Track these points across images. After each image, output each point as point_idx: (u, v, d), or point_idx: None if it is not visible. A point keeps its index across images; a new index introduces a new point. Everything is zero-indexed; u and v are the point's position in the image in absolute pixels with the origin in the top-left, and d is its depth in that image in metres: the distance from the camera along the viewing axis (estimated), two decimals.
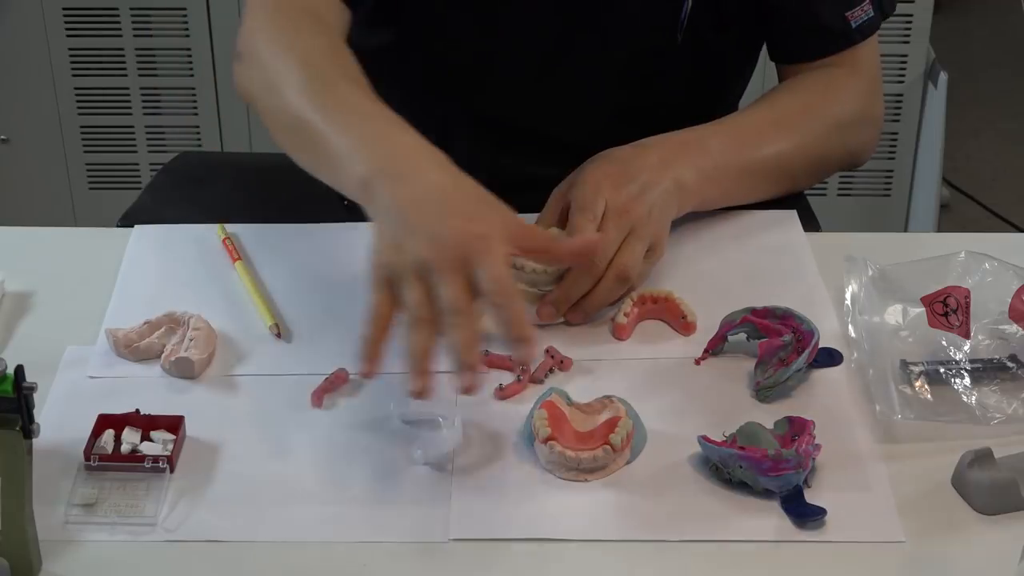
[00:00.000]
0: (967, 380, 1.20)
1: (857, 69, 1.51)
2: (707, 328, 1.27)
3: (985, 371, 1.21)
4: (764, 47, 1.59)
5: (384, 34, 1.52)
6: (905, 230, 2.82)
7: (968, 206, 3.16)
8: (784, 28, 1.51)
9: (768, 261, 1.38)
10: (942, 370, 1.21)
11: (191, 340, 1.23)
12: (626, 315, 1.28)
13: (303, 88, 1.28)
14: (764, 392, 1.20)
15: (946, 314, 1.20)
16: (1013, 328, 1.24)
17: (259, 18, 1.39)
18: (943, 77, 2.67)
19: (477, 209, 1.16)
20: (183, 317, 1.26)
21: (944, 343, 1.23)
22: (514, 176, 1.55)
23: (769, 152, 1.42)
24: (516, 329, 1.11)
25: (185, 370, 1.22)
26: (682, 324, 1.29)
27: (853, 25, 1.48)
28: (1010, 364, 1.22)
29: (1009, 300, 1.23)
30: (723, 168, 1.38)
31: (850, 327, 1.26)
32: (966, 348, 1.22)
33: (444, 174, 1.18)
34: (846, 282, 1.30)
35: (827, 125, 1.47)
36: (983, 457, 1.10)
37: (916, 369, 1.21)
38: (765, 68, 1.62)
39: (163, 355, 1.23)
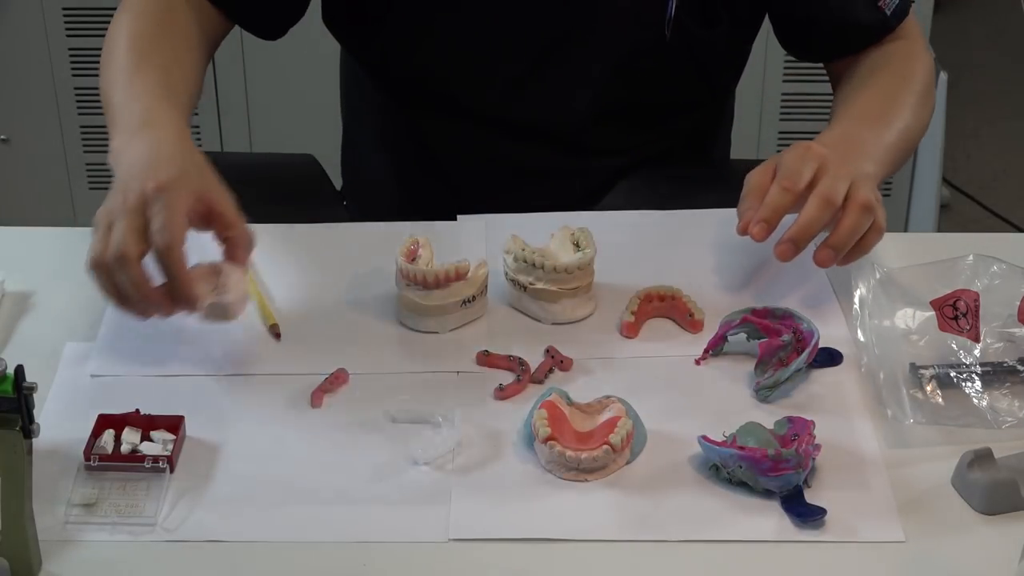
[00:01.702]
0: (978, 384, 1.20)
1: (910, 40, 1.52)
2: (715, 326, 1.27)
3: (995, 374, 1.21)
4: (764, 40, 1.59)
5: (375, 32, 1.52)
6: (905, 230, 2.82)
7: (968, 206, 3.16)
8: (822, 31, 1.52)
9: (773, 260, 1.37)
10: (952, 374, 1.21)
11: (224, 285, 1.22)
12: (633, 313, 1.28)
13: (121, 58, 1.36)
14: (764, 392, 1.20)
15: (956, 318, 1.20)
16: (1022, 331, 1.24)
17: None
18: (943, 77, 2.67)
19: (168, 167, 1.21)
20: (221, 266, 1.24)
21: (954, 346, 1.23)
22: (506, 169, 1.56)
23: (901, 127, 1.42)
24: (173, 285, 1.17)
25: (220, 314, 1.21)
26: (689, 322, 1.29)
27: (888, 12, 1.49)
28: (1020, 367, 1.22)
29: (1018, 303, 1.23)
30: (881, 156, 1.37)
31: (859, 331, 1.26)
32: (976, 352, 1.22)
33: (159, 146, 1.25)
34: (854, 285, 1.30)
35: (922, 91, 1.48)
36: (983, 457, 1.10)
37: (926, 373, 1.21)
38: (766, 62, 1.62)
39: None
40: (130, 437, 1.14)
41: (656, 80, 1.52)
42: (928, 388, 1.20)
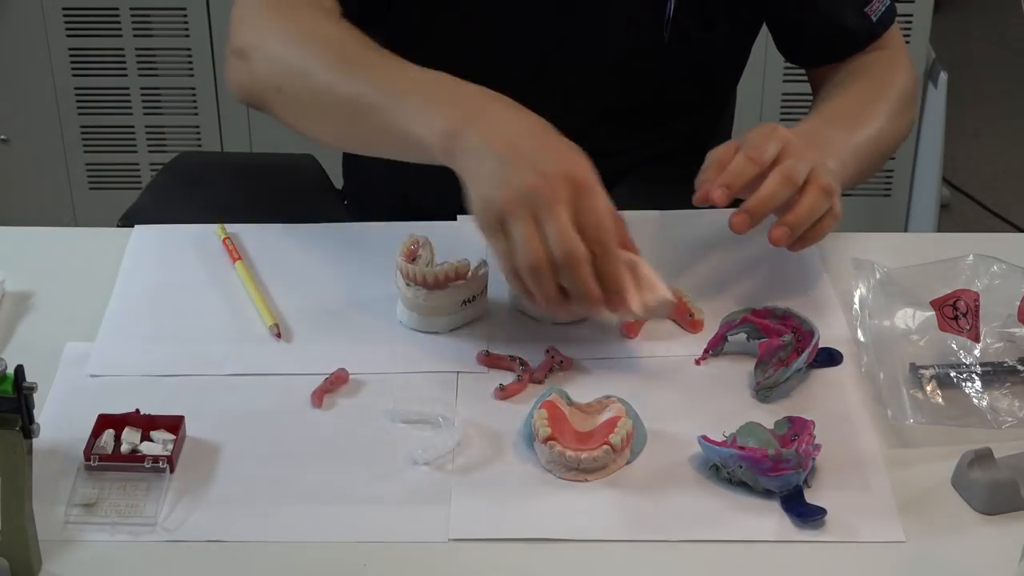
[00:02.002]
0: (978, 384, 1.20)
1: (893, 50, 1.53)
2: (715, 326, 1.27)
3: (995, 374, 1.21)
4: (763, 43, 1.59)
5: (374, 34, 1.52)
6: (905, 230, 2.82)
7: (968, 206, 3.16)
8: (807, 36, 1.53)
9: (773, 260, 1.38)
10: (952, 374, 1.21)
11: (648, 279, 1.19)
12: None
13: (333, 67, 1.28)
14: (764, 392, 1.20)
15: (956, 318, 1.20)
16: (1022, 331, 1.24)
17: (256, 13, 1.37)
18: (943, 77, 2.67)
19: (570, 149, 1.18)
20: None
21: (954, 346, 1.23)
22: None
23: (871, 133, 1.43)
24: (610, 283, 1.14)
25: (658, 312, 1.19)
26: (690, 322, 1.29)
27: (874, 19, 1.51)
28: (1020, 367, 1.22)
29: (1018, 303, 1.23)
30: (846, 156, 1.37)
31: (859, 331, 1.26)
32: (976, 352, 1.22)
33: (525, 113, 1.20)
34: (853, 285, 1.30)
35: (899, 100, 1.48)
36: (983, 457, 1.10)
37: (927, 373, 1.21)
38: (766, 60, 1.63)
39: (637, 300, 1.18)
40: (130, 437, 1.14)
41: (655, 82, 1.52)
42: (928, 388, 1.20)
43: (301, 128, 1.34)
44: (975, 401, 1.19)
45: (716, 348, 1.25)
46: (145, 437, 1.14)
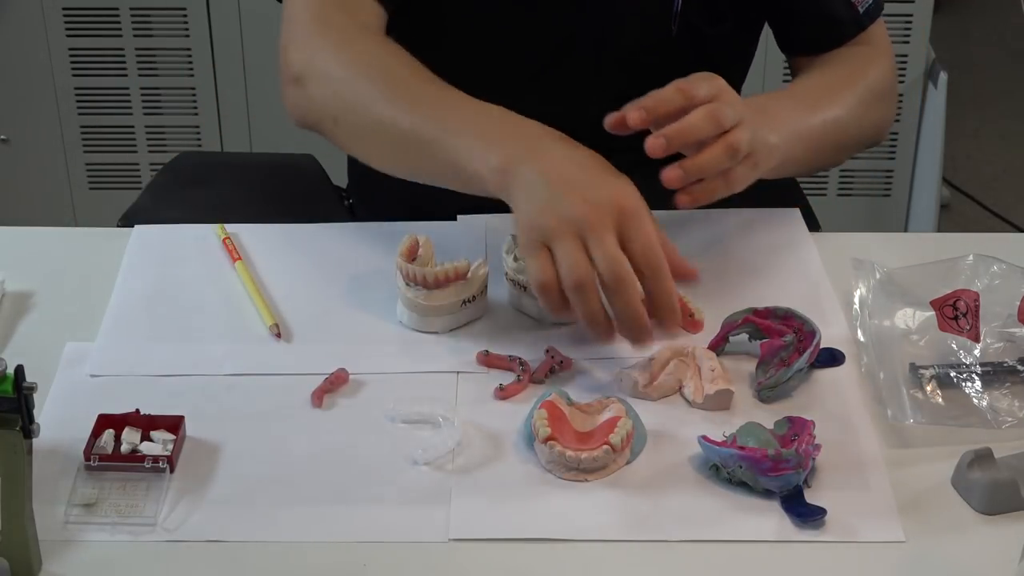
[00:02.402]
0: (978, 384, 1.20)
1: (874, 47, 1.53)
2: (715, 326, 1.27)
3: (995, 374, 1.21)
4: (764, 39, 1.59)
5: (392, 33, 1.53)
6: (905, 230, 2.82)
7: (968, 206, 3.16)
8: (797, 23, 1.54)
9: (773, 260, 1.38)
10: (952, 374, 1.21)
11: (712, 371, 1.20)
12: None
13: (389, 100, 1.30)
14: (766, 392, 1.20)
15: (956, 318, 1.20)
16: (1022, 331, 1.24)
17: (309, 37, 1.38)
18: (943, 77, 2.67)
19: (619, 181, 1.19)
20: (686, 348, 1.22)
21: (954, 346, 1.23)
22: None
23: (829, 118, 1.42)
24: (664, 304, 1.15)
25: (723, 403, 1.19)
26: (690, 322, 1.29)
27: (861, 10, 1.51)
28: (1020, 367, 1.21)
29: (1018, 303, 1.23)
30: (795, 134, 1.36)
31: (859, 331, 1.26)
32: (976, 352, 1.22)
33: (578, 148, 1.22)
34: (854, 285, 1.30)
35: (868, 93, 1.48)
36: (983, 457, 1.10)
37: (926, 373, 1.21)
38: (766, 59, 1.63)
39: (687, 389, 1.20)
40: (130, 437, 1.14)
41: (664, 76, 1.52)
42: (928, 388, 1.20)
43: (357, 155, 1.37)
44: (975, 401, 1.19)
45: (718, 348, 1.25)
46: (145, 437, 1.14)
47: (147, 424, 1.15)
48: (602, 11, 1.47)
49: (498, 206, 1.44)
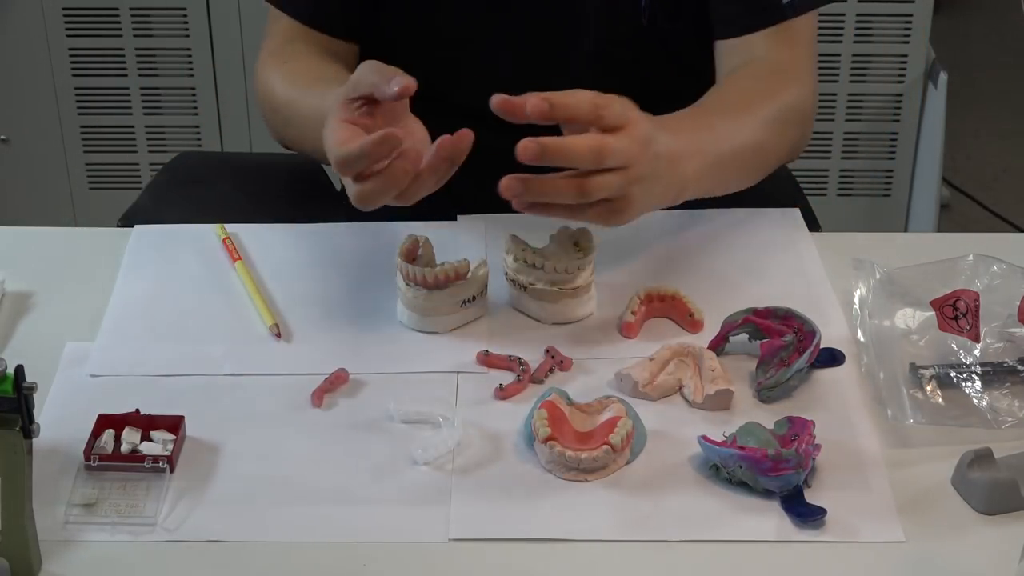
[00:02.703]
0: (978, 384, 1.20)
1: (792, 46, 1.48)
2: (715, 326, 1.27)
3: (995, 374, 1.21)
4: None
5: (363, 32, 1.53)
6: (905, 230, 2.82)
7: (968, 206, 3.16)
8: (721, 4, 1.49)
9: (773, 259, 1.38)
10: (952, 374, 1.21)
11: (712, 371, 1.20)
12: (634, 313, 1.28)
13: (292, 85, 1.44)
14: (766, 392, 1.20)
15: (956, 318, 1.20)
16: (1022, 331, 1.24)
17: (261, 66, 1.52)
18: (943, 77, 2.67)
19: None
20: (686, 348, 1.23)
21: (954, 346, 1.23)
22: (504, 168, 1.55)
23: (748, 142, 1.39)
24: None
25: (723, 403, 1.19)
26: (689, 322, 1.29)
27: (784, 0, 1.46)
28: (1020, 367, 1.21)
29: (1018, 303, 1.23)
30: (716, 161, 1.34)
31: (859, 331, 1.26)
32: (976, 352, 1.22)
33: None
34: (854, 285, 1.30)
35: (782, 115, 1.43)
36: (983, 457, 1.10)
37: (926, 373, 1.21)
38: None
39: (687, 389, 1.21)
40: (130, 437, 1.14)
41: (636, 70, 1.52)
42: (928, 388, 1.20)
43: (294, 149, 1.51)
44: (975, 401, 1.19)
45: (718, 348, 1.25)
46: (145, 437, 1.14)
47: (147, 424, 1.15)
48: (572, 5, 1.47)
49: (498, 206, 1.44)
